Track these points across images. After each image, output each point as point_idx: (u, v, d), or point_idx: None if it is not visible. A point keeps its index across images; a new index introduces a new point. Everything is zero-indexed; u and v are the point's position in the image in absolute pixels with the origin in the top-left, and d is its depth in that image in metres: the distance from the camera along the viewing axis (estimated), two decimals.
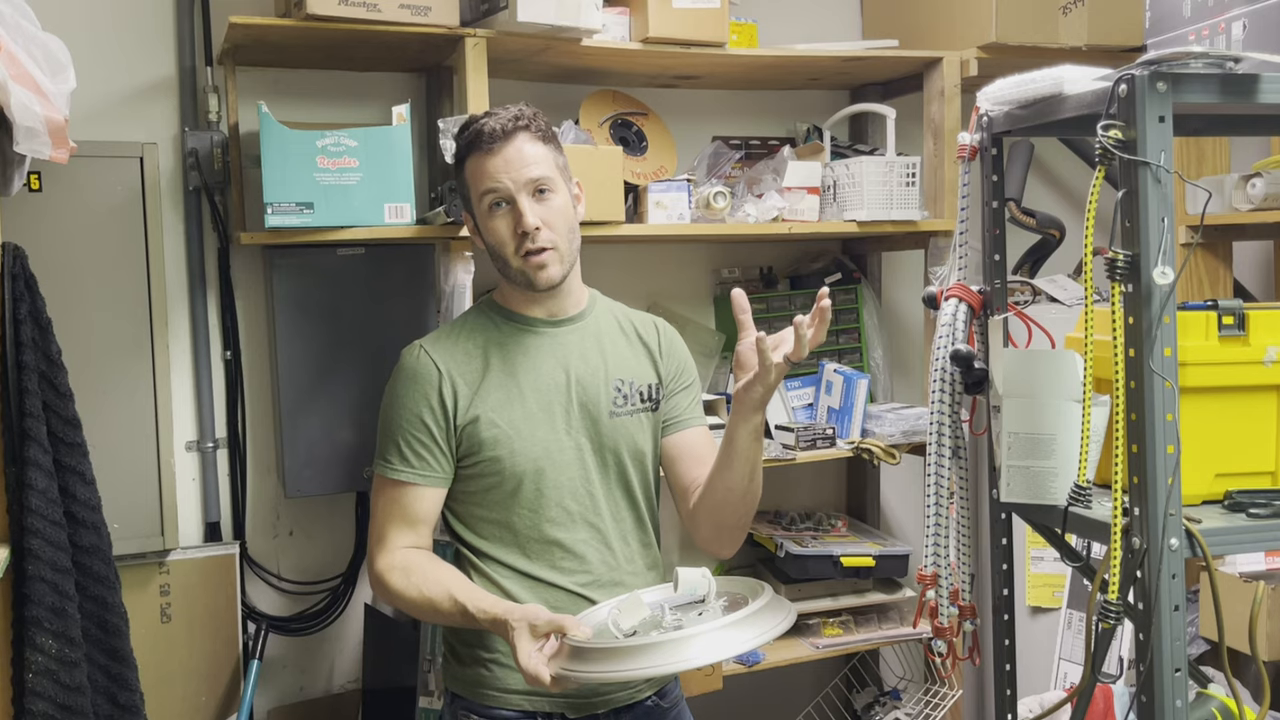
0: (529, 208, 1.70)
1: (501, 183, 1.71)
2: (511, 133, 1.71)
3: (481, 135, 1.72)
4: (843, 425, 2.64)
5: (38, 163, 1.85)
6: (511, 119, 1.72)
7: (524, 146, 1.72)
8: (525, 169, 1.71)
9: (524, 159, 1.71)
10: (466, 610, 1.62)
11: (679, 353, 1.93)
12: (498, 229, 1.73)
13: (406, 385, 1.75)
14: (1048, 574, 2.70)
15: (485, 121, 1.73)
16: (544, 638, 1.53)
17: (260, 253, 2.38)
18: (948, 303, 1.70)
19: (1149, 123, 1.32)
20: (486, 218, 1.74)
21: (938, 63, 2.61)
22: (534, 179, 1.71)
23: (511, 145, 1.71)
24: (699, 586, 1.62)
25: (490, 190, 1.72)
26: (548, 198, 1.73)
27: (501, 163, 1.71)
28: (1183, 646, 1.35)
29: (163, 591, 2.27)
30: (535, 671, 1.49)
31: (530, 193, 1.71)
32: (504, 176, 1.71)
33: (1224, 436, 1.49)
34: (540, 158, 1.73)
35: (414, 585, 1.68)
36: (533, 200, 1.71)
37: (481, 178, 1.72)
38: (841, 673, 2.95)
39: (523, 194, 1.71)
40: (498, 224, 1.73)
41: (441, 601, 1.66)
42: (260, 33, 2.14)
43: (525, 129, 1.72)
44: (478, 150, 1.72)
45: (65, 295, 2.07)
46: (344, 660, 2.55)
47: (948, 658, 1.74)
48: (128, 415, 2.22)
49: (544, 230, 1.71)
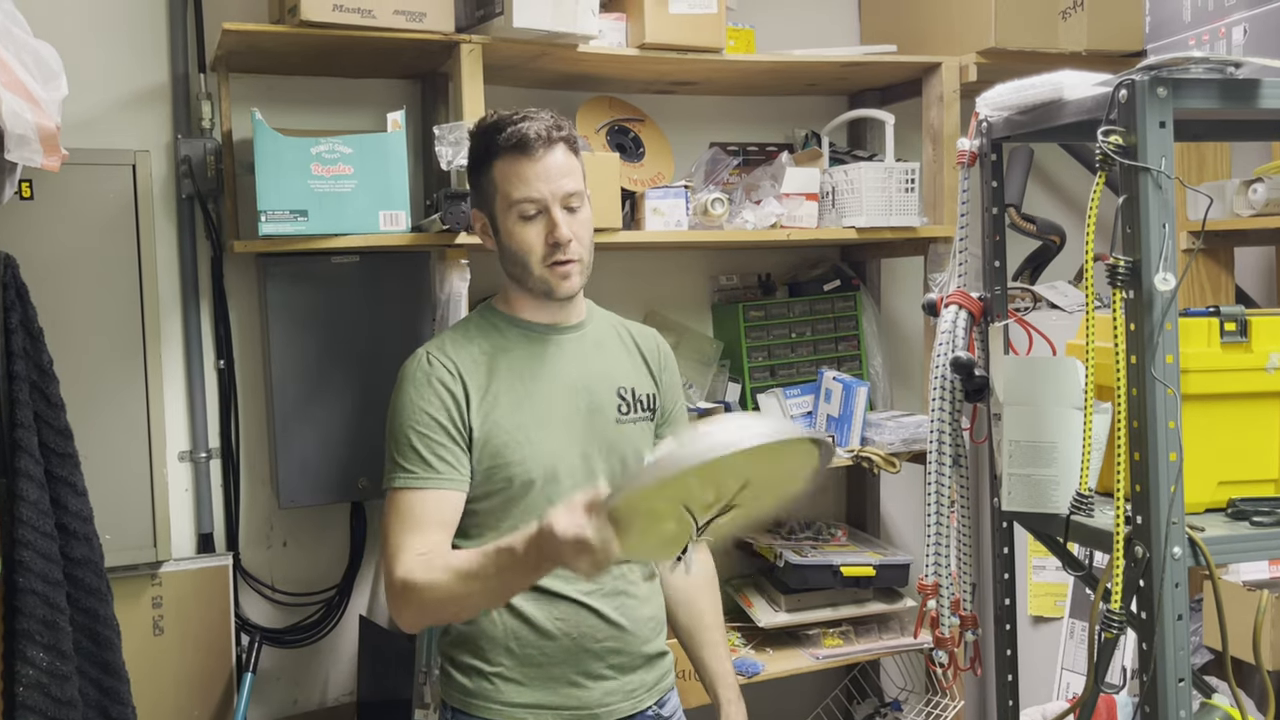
0: (563, 220, 1.70)
1: (541, 192, 1.69)
2: (554, 142, 1.70)
3: (527, 140, 1.69)
4: (842, 433, 2.63)
5: (29, 170, 1.85)
6: (553, 127, 1.71)
7: (562, 158, 1.71)
8: (563, 180, 1.70)
9: (562, 170, 1.71)
10: (500, 548, 1.47)
11: (674, 371, 1.95)
12: (526, 235, 1.72)
13: (417, 388, 1.71)
14: (1050, 583, 2.68)
15: (526, 126, 1.70)
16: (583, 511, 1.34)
17: (254, 261, 2.37)
18: (948, 310, 1.69)
19: (1149, 128, 1.32)
20: (515, 222, 1.72)
21: (936, 68, 2.60)
22: (570, 192, 1.71)
23: (553, 155, 1.70)
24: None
25: (528, 199, 1.70)
26: (578, 211, 1.73)
27: (542, 170, 1.69)
28: (1186, 656, 1.35)
29: (155, 604, 2.25)
30: (577, 532, 1.30)
31: (563, 204, 1.71)
32: (543, 185, 1.69)
33: (1227, 444, 1.49)
34: (575, 170, 1.73)
35: (438, 568, 1.57)
36: (565, 212, 1.71)
37: (518, 182, 1.70)
38: (842, 684, 2.93)
39: (556, 205, 1.70)
40: (527, 231, 1.72)
41: (472, 562, 1.52)
42: (254, 39, 2.12)
43: (564, 140, 1.72)
44: (518, 153, 1.70)
45: (57, 304, 2.05)
46: (338, 673, 2.53)
47: (949, 668, 1.74)
48: (120, 425, 2.21)
49: (574, 243, 1.72)
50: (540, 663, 1.71)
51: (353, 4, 2.06)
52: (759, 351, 2.74)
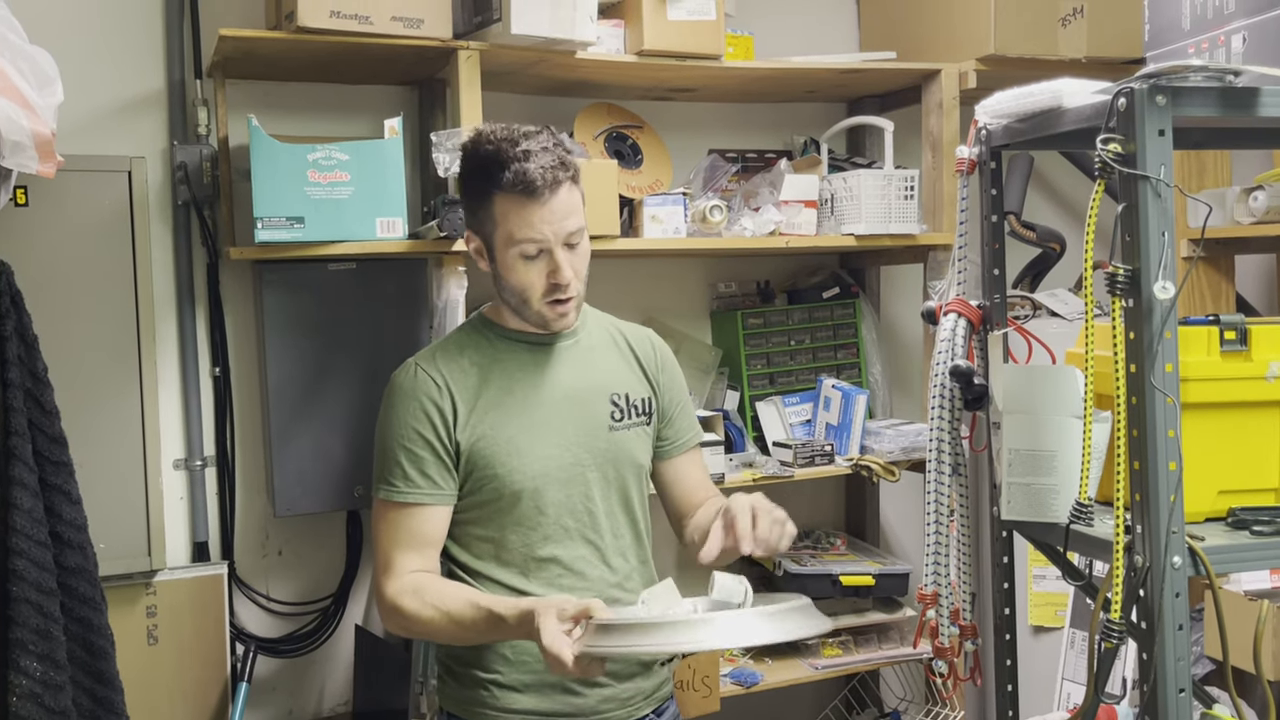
0: (565, 260, 1.67)
1: (544, 235, 1.66)
2: (557, 185, 1.65)
3: (533, 184, 1.62)
4: (841, 442, 2.62)
5: (24, 177, 1.84)
6: (557, 166, 1.65)
7: (565, 198, 1.66)
8: (566, 221, 1.67)
9: (566, 210, 1.67)
10: (493, 612, 1.57)
11: (672, 369, 1.92)
12: (528, 274, 1.69)
13: (405, 403, 1.72)
14: (1050, 592, 2.67)
15: (531, 166, 1.62)
16: (571, 622, 1.47)
17: (250, 268, 2.36)
18: (947, 318, 1.68)
19: (1149, 136, 1.32)
20: (515, 259, 1.68)
21: (936, 75, 2.60)
22: (572, 231, 1.68)
23: (557, 197, 1.65)
24: (734, 593, 1.56)
25: (531, 240, 1.66)
26: (577, 246, 1.71)
27: (547, 213, 1.65)
28: (1187, 666, 1.34)
29: (149, 613, 2.24)
30: (558, 650, 1.43)
31: (566, 244, 1.68)
32: (546, 229, 1.65)
33: (1227, 453, 1.49)
34: (577, 206, 1.69)
35: (429, 604, 1.63)
36: (566, 251, 1.68)
37: (521, 224, 1.65)
38: (841, 694, 2.92)
39: (560, 246, 1.67)
40: (529, 270, 1.68)
41: (463, 612, 1.60)
42: (250, 45, 2.12)
43: (567, 177, 1.66)
44: (523, 195, 1.64)
45: (52, 311, 2.04)
46: (334, 682, 2.51)
47: (949, 678, 1.73)
48: (115, 433, 2.20)
49: (574, 282, 1.70)
50: (537, 670, 1.70)
51: (350, 10, 2.06)
52: (758, 359, 2.73)
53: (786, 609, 1.46)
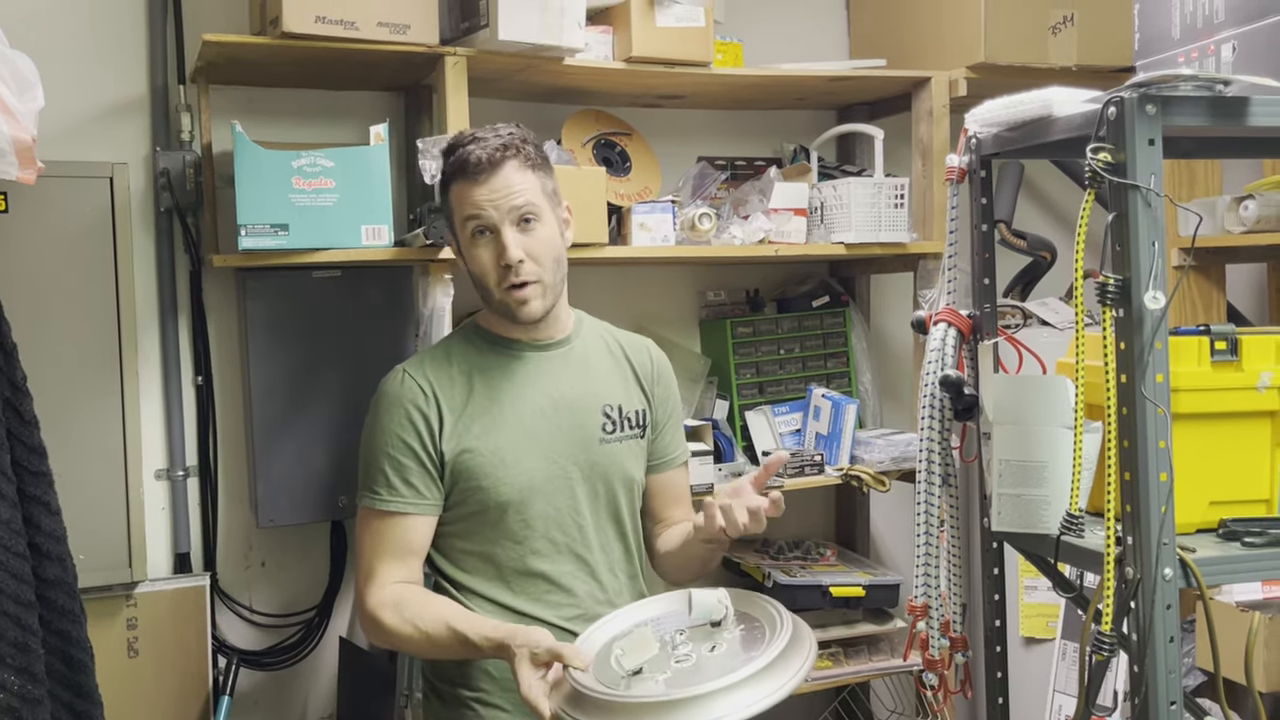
0: (512, 239, 1.66)
1: (485, 211, 1.67)
2: (499, 162, 1.66)
3: (467, 165, 1.67)
4: (831, 452, 2.60)
5: (4, 183, 1.83)
6: (499, 147, 1.67)
7: (511, 175, 1.67)
8: (510, 197, 1.66)
9: (510, 187, 1.67)
10: (467, 639, 1.58)
11: (669, 382, 1.91)
12: (480, 258, 1.69)
13: (390, 411, 1.70)
14: (1041, 604, 2.66)
15: (471, 149, 1.67)
16: (545, 665, 1.48)
17: (233, 275, 2.34)
18: (936, 327, 1.68)
19: (1139, 145, 1.32)
20: (470, 245, 1.71)
21: (926, 83, 2.59)
22: (518, 207, 1.67)
23: (499, 175, 1.66)
24: (714, 611, 1.54)
25: (473, 217, 1.68)
26: (533, 228, 1.68)
27: (486, 191, 1.66)
28: (1178, 678, 1.34)
29: (130, 625, 2.22)
30: (536, 703, 1.44)
31: (514, 222, 1.67)
32: (488, 205, 1.66)
33: (1218, 464, 1.49)
34: (527, 186, 1.68)
35: (408, 621, 1.63)
36: (516, 230, 1.67)
37: (464, 203, 1.69)
38: (831, 706, 2.90)
39: (506, 224, 1.67)
40: (480, 252, 1.69)
41: (439, 634, 1.61)
42: (234, 51, 2.10)
43: (514, 156, 1.68)
44: (463, 176, 1.68)
45: (31, 319, 2.02)
46: (318, 696, 2.49)
47: (939, 690, 1.72)
48: (95, 443, 2.17)
49: (528, 263, 1.67)
50: None
51: (336, 15, 2.04)
52: (747, 368, 2.72)
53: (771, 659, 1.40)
